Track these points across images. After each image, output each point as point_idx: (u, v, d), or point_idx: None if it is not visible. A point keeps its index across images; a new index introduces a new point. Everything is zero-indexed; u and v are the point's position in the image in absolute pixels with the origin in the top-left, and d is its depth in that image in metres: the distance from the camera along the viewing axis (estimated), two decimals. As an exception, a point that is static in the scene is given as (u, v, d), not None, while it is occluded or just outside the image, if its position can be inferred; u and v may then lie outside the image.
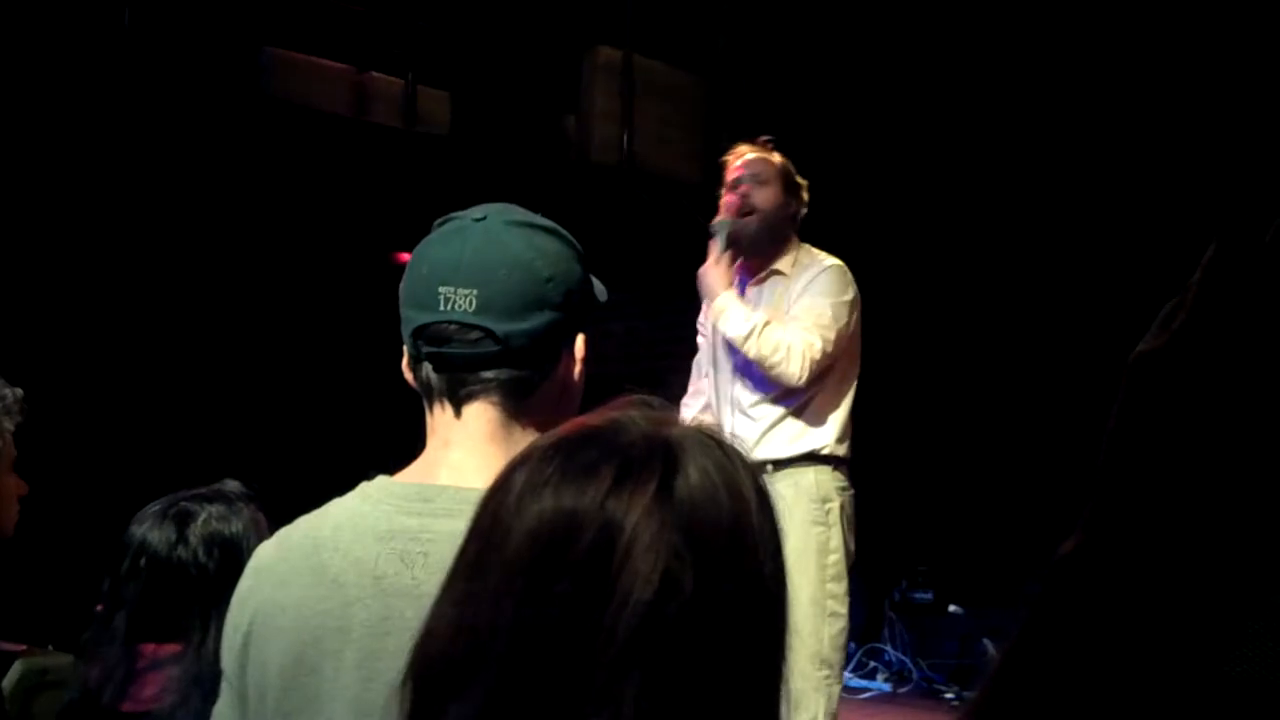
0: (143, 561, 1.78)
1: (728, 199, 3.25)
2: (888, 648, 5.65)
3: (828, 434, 3.16)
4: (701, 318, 3.42)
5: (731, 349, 3.17)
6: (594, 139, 5.78)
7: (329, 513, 1.18)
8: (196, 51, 4.69)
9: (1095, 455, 0.60)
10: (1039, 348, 5.49)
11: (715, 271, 3.16)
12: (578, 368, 1.23)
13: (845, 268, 3.20)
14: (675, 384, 5.27)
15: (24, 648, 2.63)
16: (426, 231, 1.25)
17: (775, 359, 3.03)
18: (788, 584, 0.74)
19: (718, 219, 3.23)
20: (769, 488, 0.76)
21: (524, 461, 0.76)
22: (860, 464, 5.87)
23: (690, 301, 3.71)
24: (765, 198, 3.21)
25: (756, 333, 3.05)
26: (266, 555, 1.19)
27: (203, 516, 1.80)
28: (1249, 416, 0.55)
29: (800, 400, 3.13)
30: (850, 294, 3.16)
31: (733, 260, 3.23)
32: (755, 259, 3.24)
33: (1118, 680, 0.58)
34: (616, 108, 5.76)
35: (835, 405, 3.19)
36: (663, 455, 0.72)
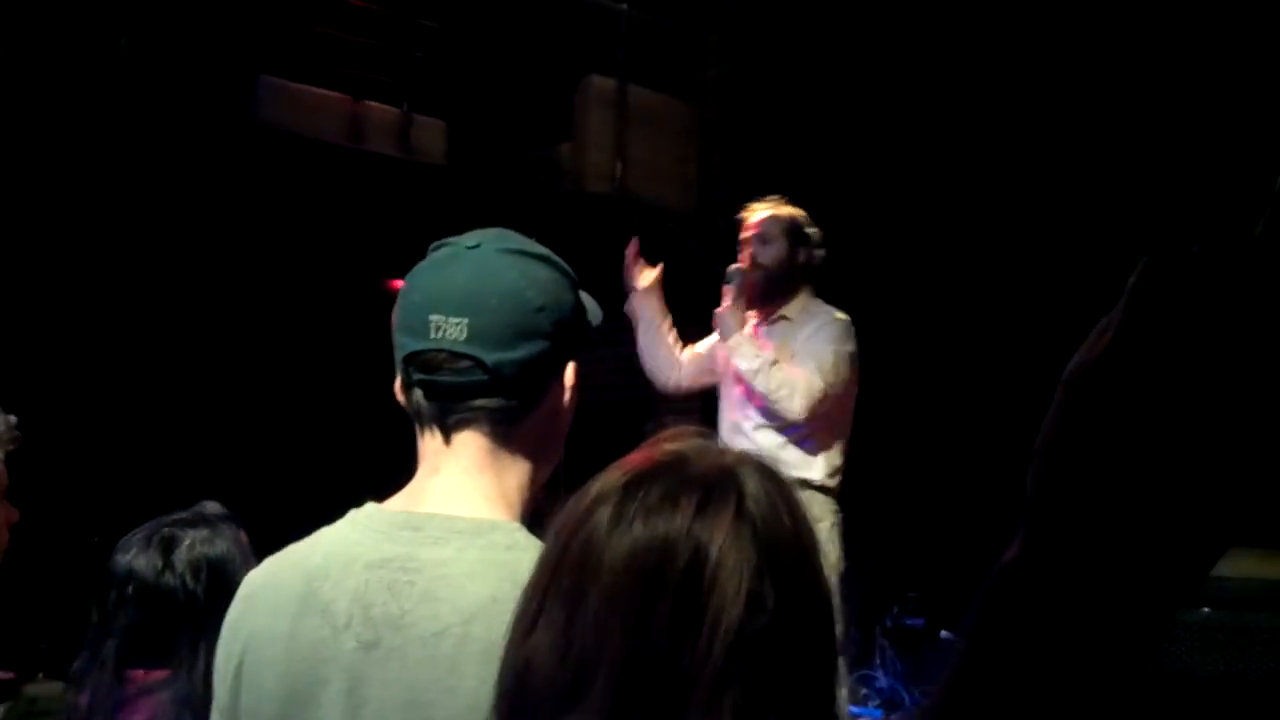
0: (130, 589, 1.77)
1: (741, 255, 3.60)
2: (879, 674, 5.63)
3: (820, 468, 3.49)
4: (714, 339, 3.71)
5: (738, 381, 3.48)
6: (587, 168, 5.81)
7: (319, 540, 1.18)
8: (192, 80, 4.72)
9: (1027, 466, 0.62)
10: (1029, 375, 5.51)
11: (732, 314, 3.47)
12: (567, 395, 1.23)
13: (850, 323, 3.54)
14: (665, 410, 5.29)
15: (12, 675, 2.63)
16: (420, 260, 1.26)
17: (781, 393, 3.35)
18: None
19: (732, 267, 3.54)
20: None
21: (604, 496, 0.81)
22: (851, 491, 5.85)
23: (681, 329, 3.75)
24: (770, 255, 3.54)
25: (765, 369, 3.37)
26: (257, 583, 1.19)
27: (187, 541, 1.80)
28: (1178, 424, 0.58)
29: (798, 433, 3.45)
30: (852, 347, 3.51)
31: (743, 305, 3.55)
32: (763, 307, 3.57)
33: (1062, 682, 0.60)
34: (609, 137, 5.80)
35: (828, 445, 3.51)
36: (734, 481, 0.80)
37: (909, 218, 5.83)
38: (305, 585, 1.13)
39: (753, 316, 3.57)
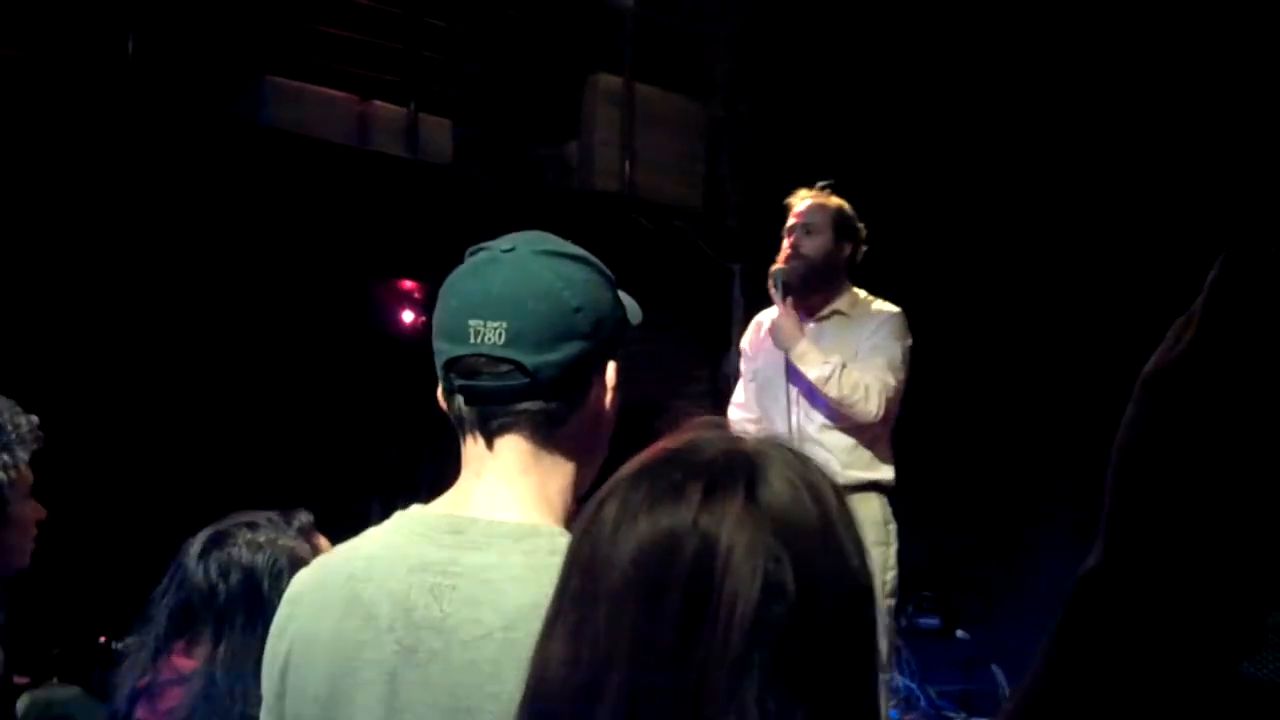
0: (177, 573, 1.83)
1: (784, 246, 3.51)
2: (895, 674, 5.61)
3: (888, 466, 3.48)
4: (747, 352, 3.66)
5: (798, 381, 3.40)
6: (595, 166, 5.80)
7: (364, 542, 1.19)
8: (199, 81, 4.72)
9: (1105, 472, 0.60)
10: (1045, 371, 5.48)
11: (787, 322, 3.41)
12: (609, 395, 1.22)
13: (905, 316, 3.50)
14: (675, 410, 5.27)
15: (28, 680, 2.63)
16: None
17: (855, 397, 3.30)
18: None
19: (774, 267, 3.47)
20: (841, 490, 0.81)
21: (612, 493, 0.79)
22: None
23: (691, 327, 3.73)
24: (814, 245, 3.45)
25: (837, 375, 3.31)
26: (303, 585, 1.20)
27: (233, 540, 1.83)
28: (1261, 428, 0.56)
29: (870, 434, 3.42)
30: (910, 340, 3.47)
31: (793, 307, 3.47)
32: (810, 300, 3.48)
33: (1147, 694, 0.58)
34: (617, 135, 5.78)
35: (888, 439, 3.49)
36: (744, 467, 0.77)
37: (923, 212, 5.80)
38: (349, 587, 1.14)
39: (799, 313, 3.49)
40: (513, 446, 1.18)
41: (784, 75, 5.96)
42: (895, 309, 3.50)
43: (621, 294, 1.27)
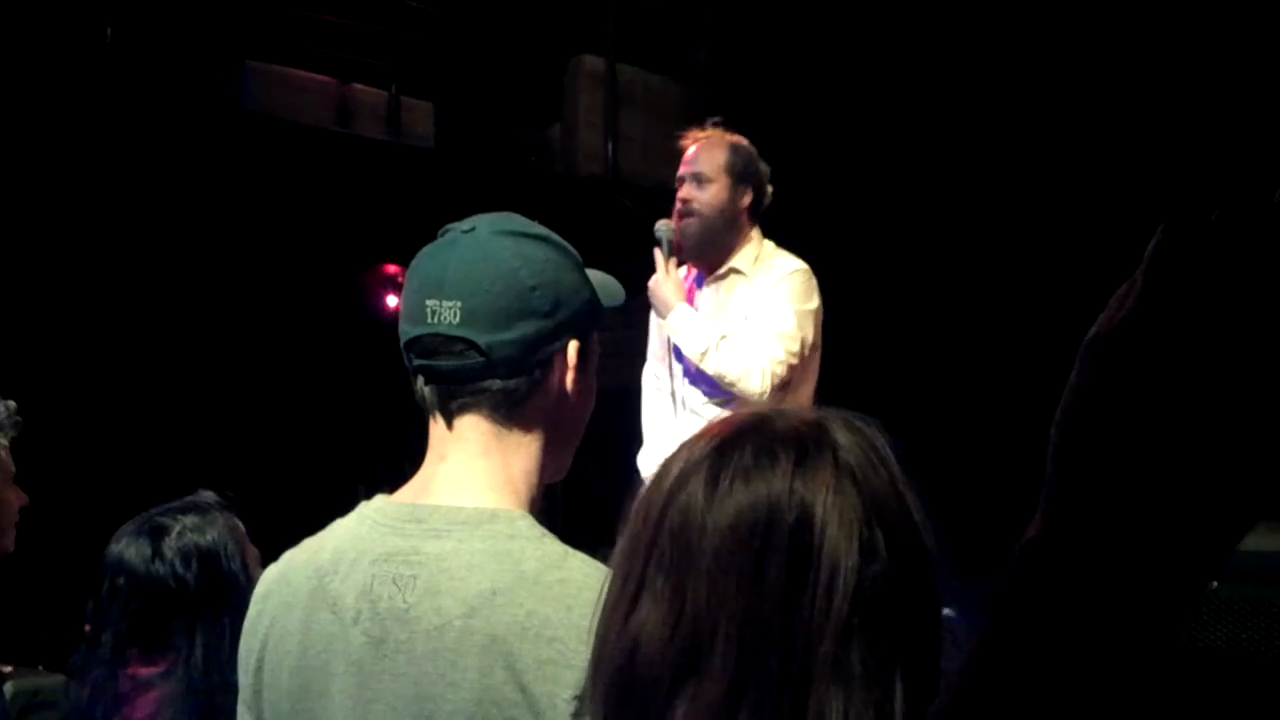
0: (121, 580, 1.78)
1: (677, 200, 3.07)
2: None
3: None
4: (654, 319, 3.22)
5: (678, 352, 3.02)
6: (578, 148, 5.78)
7: (330, 535, 1.19)
8: (178, 66, 4.68)
9: (1047, 438, 0.61)
10: (1028, 354, 5.50)
11: (666, 284, 3.00)
12: (571, 375, 1.21)
13: (810, 272, 3.03)
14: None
15: (10, 669, 2.61)
16: (412, 243, 1.25)
17: (735, 374, 2.89)
18: None
19: (661, 223, 3.04)
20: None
21: (693, 465, 0.79)
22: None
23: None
24: (707, 198, 3.00)
25: (714, 349, 2.90)
26: (272, 581, 1.20)
27: (176, 529, 1.80)
28: (1201, 393, 0.57)
29: (755, 404, 3.02)
30: (814, 302, 3.01)
31: (679, 265, 3.07)
32: (708, 257, 3.06)
33: (1091, 662, 0.59)
34: (600, 117, 5.77)
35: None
36: (824, 434, 0.79)
37: (904, 195, 5.81)
38: (316, 580, 1.14)
39: (692, 270, 3.09)
40: (473, 427, 1.17)
41: (769, 55, 5.95)
42: (797, 265, 3.01)
43: (601, 275, 1.26)
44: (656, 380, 3.25)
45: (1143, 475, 0.57)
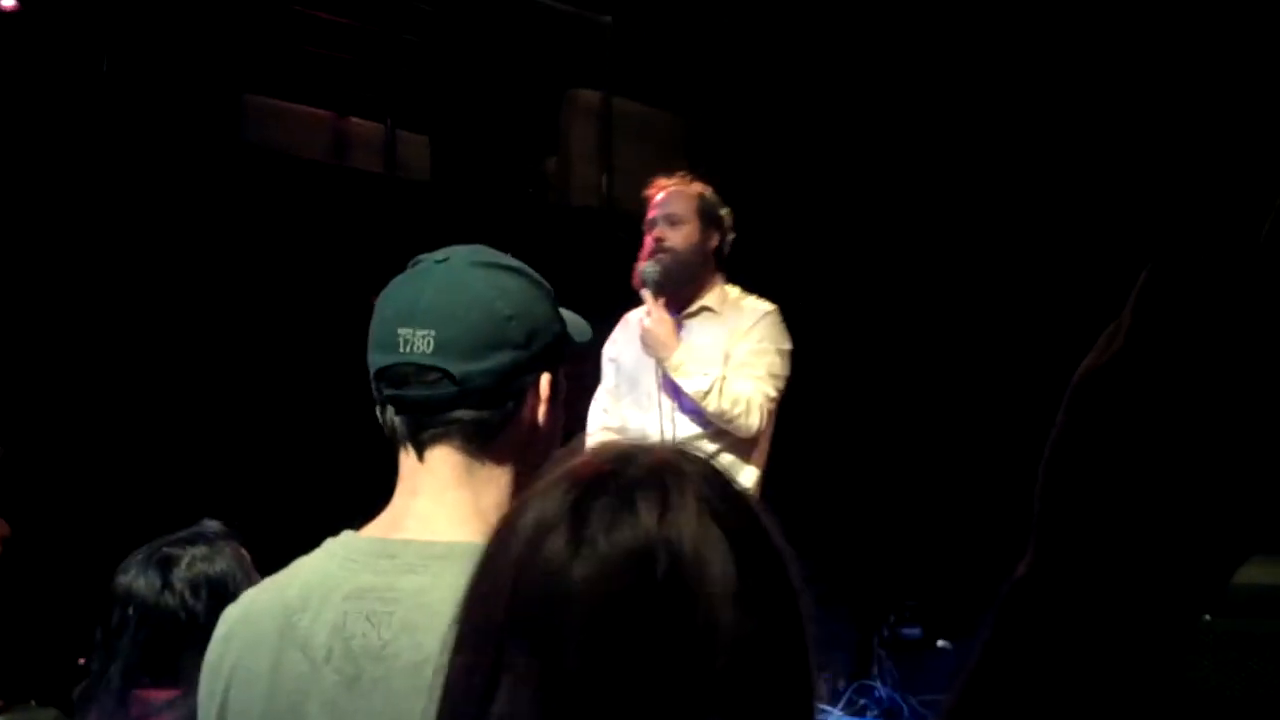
0: (130, 611, 1.78)
1: (646, 241, 3.30)
2: (877, 684, 5.61)
3: (752, 474, 3.25)
4: (611, 352, 3.42)
5: (670, 387, 3.21)
6: (574, 181, 5.80)
7: (296, 573, 1.16)
8: (175, 98, 4.70)
9: (1030, 474, 0.61)
10: (1025, 380, 5.50)
11: (661, 326, 3.19)
12: (542, 408, 1.20)
13: (779, 313, 3.29)
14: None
15: (2, 704, 2.59)
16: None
17: (735, 411, 3.12)
18: None
19: (642, 265, 3.24)
20: None
21: (547, 522, 0.72)
22: (846, 500, 5.83)
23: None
24: (680, 237, 3.25)
25: (717, 389, 3.12)
26: (234, 621, 1.17)
27: (186, 559, 1.80)
28: (1190, 431, 0.56)
29: (730, 440, 3.20)
30: (789, 343, 3.27)
31: (669, 314, 3.27)
32: (678, 295, 3.28)
33: (1078, 699, 0.58)
34: (595, 149, 5.79)
35: (759, 448, 3.27)
36: (682, 474, 0.74)
37: (893, 223, 5.83)
38: (284, 619, 1.11)
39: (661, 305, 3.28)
40: (445, 459, 1.16)
41: (764, 87, 5.98)
42: (769, 306, 3.29)
43: (565, 311, 1.25)
44: (605, 415, 3.41)
45: (1131, 513, 0.57)
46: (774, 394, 3.18)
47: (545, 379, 1.20)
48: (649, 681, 0.67)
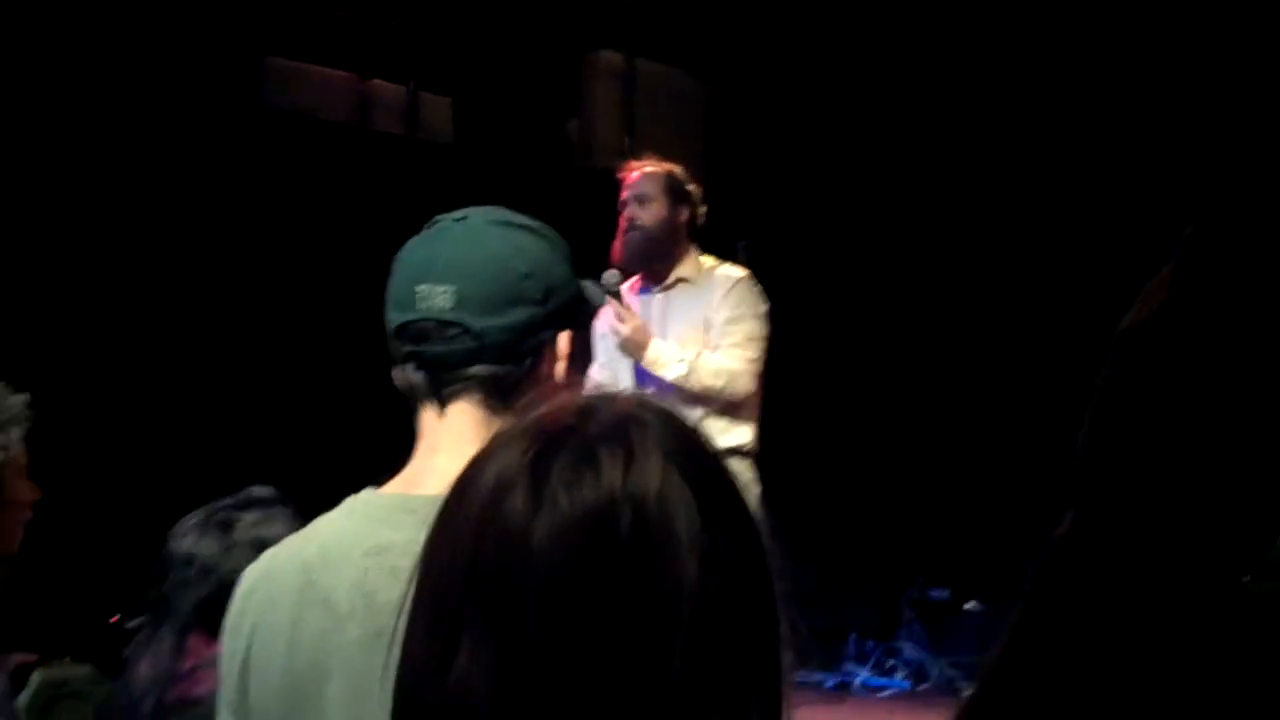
0: (191, 573, 1.79)
1: (620, 221, 3.44)
2: (905, 645, 5.63)
3: (748, 433, 3.35)
4: (603, 328, 3.42)
5: (645, 377, 3.29)
6: (595, 143, 5.78)
7: (315, 531, 1.17)
8: (198, 62, 4.69)
9: (1078, 431, 0.60)
10: (1050, 342, 5.47)
11: (638, 334, 3.29)
12: (561, 365, 1.19)
13: (754, 278, 3.42)
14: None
15: (36, 658, 2.63)
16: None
17: (719, 385, 3.25)
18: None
19: (606, 274, 3.29)
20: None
21: (506, 480, 0.69)
22: (874, 463, 5.81)
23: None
24: (650, 215, 3.39)
25: (696, 370, 3.24)
26: (255, 578, 1.18)
27: (242, 523, 1.82)
28: (1232, 385, 0.56)
29: (717, 403, 3.30)
30: (766, 306, 3.40)
31: (626, 276, 3.40)
32: (654, 269, 3.43)
33: (1121, 657, 0.58)
34: (617, 111, 5.76)
35: (751, 408, 3.36)
36: (645, 424, 0.70)
37: (917, 194, 5.78)
38: (303, 577, 1.11)
39: (637, 282, 3.45)
40: (464, 414, 1.15)
41: (786, 50, 5.93)
42: (741, 272, 3.42)
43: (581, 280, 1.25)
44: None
45: (1174, 470, 0.56)
46: (755, 355, 3.30)
47: (564, 337, 1.20)
48: (612, 641, 0.65)
